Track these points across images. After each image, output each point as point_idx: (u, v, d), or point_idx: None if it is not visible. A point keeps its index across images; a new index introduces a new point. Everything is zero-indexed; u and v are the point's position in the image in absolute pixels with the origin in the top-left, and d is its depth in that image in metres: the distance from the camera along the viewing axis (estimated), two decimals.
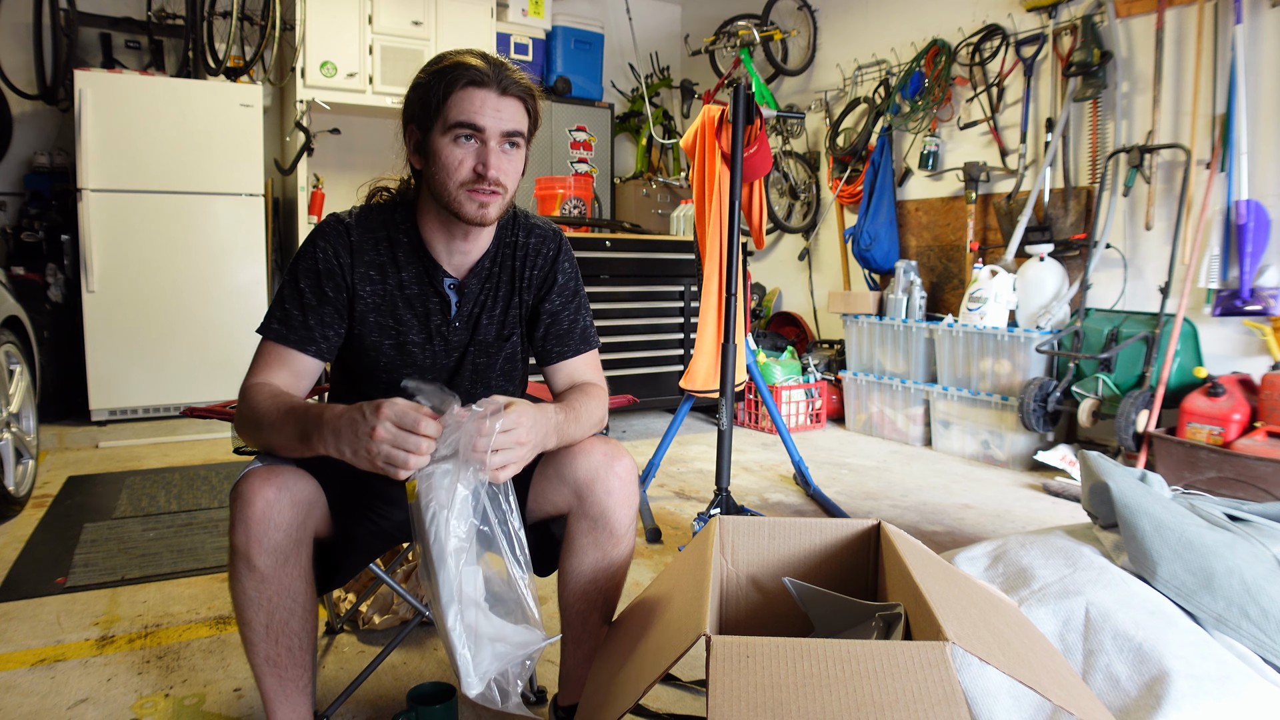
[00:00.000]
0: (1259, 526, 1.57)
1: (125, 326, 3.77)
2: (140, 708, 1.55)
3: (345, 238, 1.28)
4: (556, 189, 4.35)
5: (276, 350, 1.25)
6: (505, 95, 1.20)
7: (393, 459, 1.01)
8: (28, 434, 2.85)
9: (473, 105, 1.18)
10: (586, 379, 1.40)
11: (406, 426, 1.01)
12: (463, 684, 1.02)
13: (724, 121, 2.63)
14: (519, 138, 1.23)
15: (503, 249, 1.36)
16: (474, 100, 1.18)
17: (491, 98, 1.19)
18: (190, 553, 2.34)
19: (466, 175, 1.20)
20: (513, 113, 1.21)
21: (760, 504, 2.93)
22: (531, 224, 1.40)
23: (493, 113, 1.19)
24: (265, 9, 4.14)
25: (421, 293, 1.31)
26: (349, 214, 1.31)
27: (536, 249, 1.38)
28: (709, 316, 2.69)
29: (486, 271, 1.35)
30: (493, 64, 1.20)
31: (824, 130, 4.83)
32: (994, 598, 1.21)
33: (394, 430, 1.01)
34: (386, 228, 1.31)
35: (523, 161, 1.28)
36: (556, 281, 1.39)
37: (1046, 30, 3.72)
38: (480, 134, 1.19)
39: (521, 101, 1.22)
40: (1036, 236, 3.69)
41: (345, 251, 1.27)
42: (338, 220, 1.30)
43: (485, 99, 1.19)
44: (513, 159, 1.24)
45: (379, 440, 1.01)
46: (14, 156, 4.13)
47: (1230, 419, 2.88)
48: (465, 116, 1.18)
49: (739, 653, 0.85)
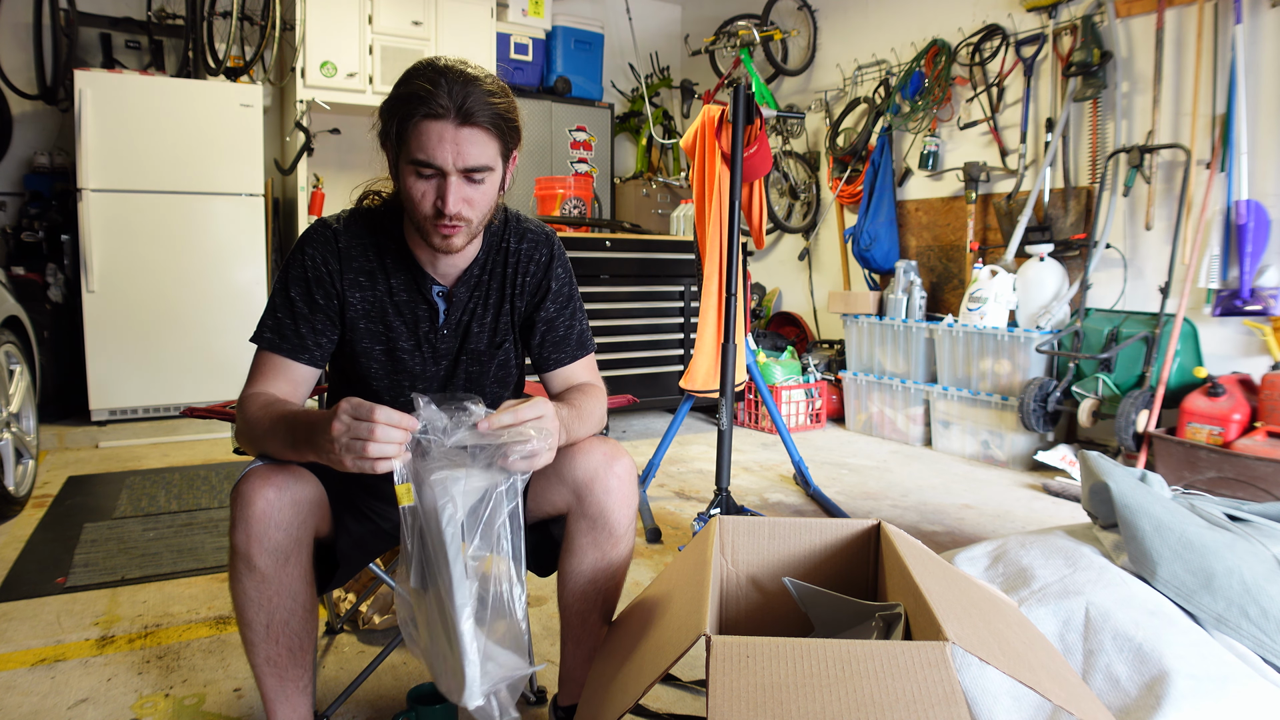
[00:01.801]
0: (1259, 526, 1.57)
1: (125, 326, 3.77)
2: (140, 708, 1.55)
3: (333, 244, 1.28)
4: (556, 189, 4.35)
5: (271, 359, 1.26)
6: (466, 125, 1.13)
7: (351, 449, 1.00)
8: (28, 434, 2.85)
9: (430, 141, 1.12)
10: (584, 382, 1.40)
11: (361, 417, 1.00)
12: (465, 694, 1.00)
13: (724, 121, 2.63)
14: (483, 171, 1.16)
15: (493, 255, 1.35)
16: (430, 135, 1.12)
17: (449, 131, 1.12)
18: (190, 553, 2.34)
19: (428, 210, 1.17)
20: (474, 146, 1.14)
21: (760, 504, 2.93)
22: (524, 228, 1.37)
23: (451, 148, 1.13)
24: (265, 9, 4.14)
25: (410, 300, 1.31)
26: (337, 219, 1.30)
27: (529, 255, 1.36)
28: (709, 316, 2.69)
29: (476, 279, 1.33)
30: (454, 88, 1.12)
31: (824, 130, 4.83)
32: (994, 598, 1.21)
33: (349, 421, 1.01)
34: (375, 234, 1.30)
35: (495, 188, 1.22)
36: (551, 288, 1.37)
37: (1046, 30, 3.72)
38: (439, 169, 1.14)
39: (487, 129, 1.15)
40: (1036, 236, 3.69)
41: (334, 258, 1.27)
42: (325, 226, 1.29)
43: (443, 133, 1.12)
44: (479, 189, 1.18)
45: (336, 434, 1.00)
46: (14, 156, 4.13)
47: (1230, 419, 2.88)
48: (422, 154, 1.13)
49: (739, 653, 0.85)
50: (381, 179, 1.35)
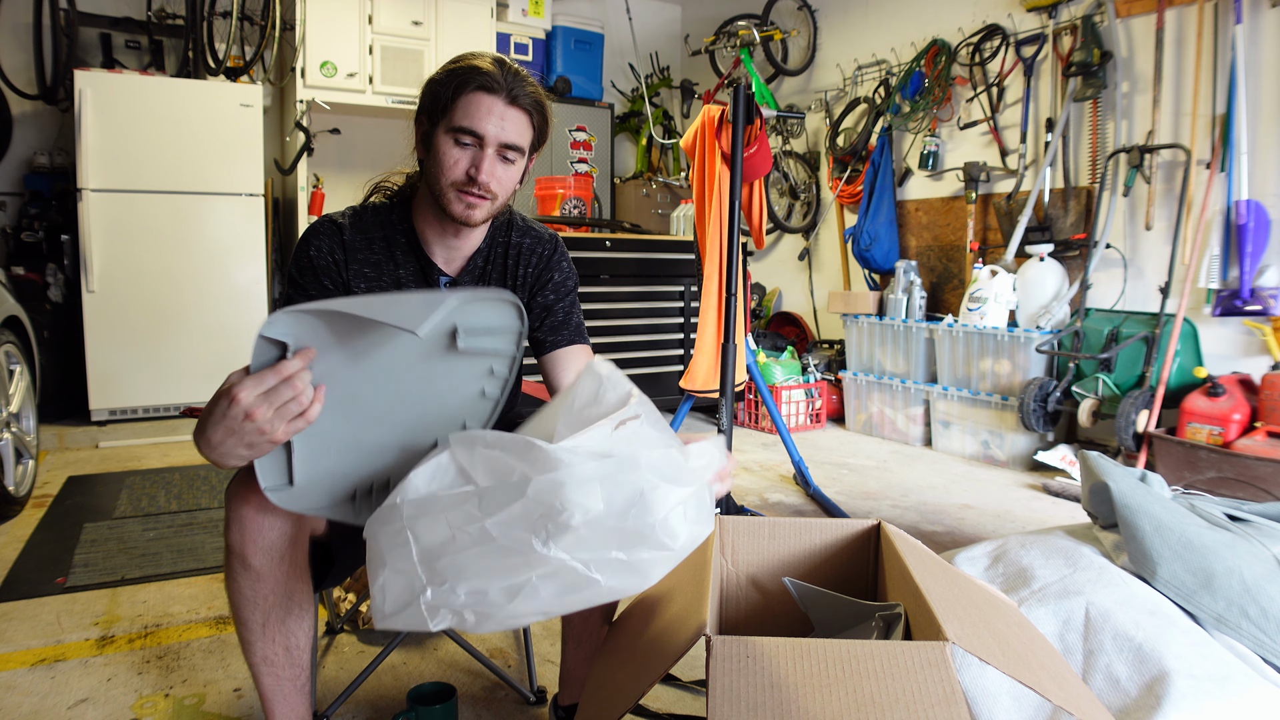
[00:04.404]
0: (1259, 526, 1.57)
1: (125, 326, 3.77)
2: (140, 708, 1.55)
3: (338, 236, 1.29)
4: (556, 189, 4.35)
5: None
6: (513, 105, 1.20)
7: (284, 413, 0.88)
8: (28, 434, 2.85)
9: (478, 110, 1.19)
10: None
11: (263, 377, 0.88)
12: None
13: (724, 121, 2.63)
14: (516, 151, 1.23)
15: (495, 248, 1.36)
16: (480, 105, 1.19)
17: (498, 105, 1.19)
18: (190, 553, 2.34)
19: (459, 176, 1.21)
20: (516, 124, 1.21)
21: (760, 504, 2.93)
22: (528, 227, 1.40)
23: (496, 121, 1.19)
24: (265, 9, 4.14)
25: (419, 288, 1.32)
26: (343, 214, 1.32)
27: (531, 249, 1.38)
28: (709, 316, 2.69)
29: (480, 270, 1.35)
30: (508, 72, 1.20)
31: (824, 130, 4.83)
32: (994, 598, 1.21)
33: (251, 386, 0.87)
34: (383, 227, 1.31)
35: (520, 173, 1.27)
36: (552, 279, 1.39)
37: (1046, 30, 3.72)
38: (480, 140, 1.20)
39: (528, 114, 1.22)
40: (1036, 236, 3.69)
41: (339, 248, 1.28)
42: (330, 220, 1.30)
43: (492, 106, 1.19)
44: (508, 169, 1.24)
45: (249, 404, 0.87)
46: (14, 156, 4.13)
47: (1230, 419, 2.88)
48: (467, 121, 1.19)
49: (739, 653, 0.86)
50: (393, 173, 1.37)
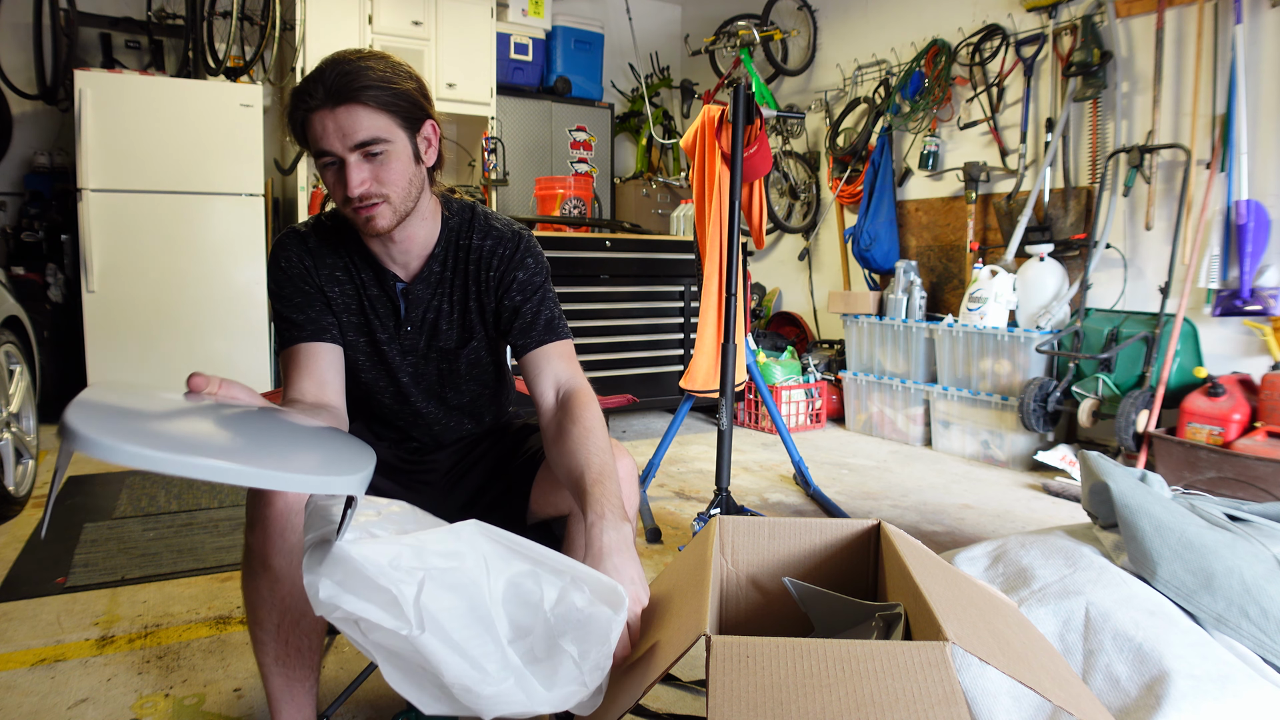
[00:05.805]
0: (1259, 526, 1.57)
1: (125, 326, 3.77)
2: (140, 708, 1.55)
3: (303, 244, 1.30)
4: (556, 189, 4.36)
5: (294, 355, 1.26)
6: (341, 105, 1.12)
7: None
8: (28, 434, 2.85)
9: (316, 131, 1.13)
10: (560, 372, 1.32)
11: None
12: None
13: (724, 121, 2.63)
14: (379, 143, 1.14)
15: (454, 253, 1.33)
16: (315, 126, 1.13)
17: (326, 115, 1.12)
18: (190, 553, 2.34)
19: (339, 198, 1.19)
20: (357, 120, 1.12)
21: (760, 504, 2.93)
22: (490, 225, 1.35)
23: (335, 132, 1.12)
24: (265, 9, 4.14)
25: (381, 294, 1.33)
26: (305, 225, 1.33)
27: (492, 251, 1.33)
28: (709, 316, 2.69)
29: (437, 276, 1.33)
30: (330, 74, 1.12)
31: (824, 130, 4.83)
32: (994, 598, 1.21)
33: None
34: (341, 234, 1.32)
35: (401, 161, 1.18)
36: (516, 278, 1.33)
37: (1046, 30, 3.72)
38: (336, 156, 1.15)
39: (366, 103, 1.12)
40: (1036, 236, 3.69)
41: (306, 255, 1.29)
42: (294, 231, 1.32)
43: (324, 120, 1.12)
44: (383, 164, 1.16)
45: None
46: (14, 156, 4.13)
47: (1230, 419, 2.88)
48: (317, 146, 1.15)
49: (739, 653, 0.85)
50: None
